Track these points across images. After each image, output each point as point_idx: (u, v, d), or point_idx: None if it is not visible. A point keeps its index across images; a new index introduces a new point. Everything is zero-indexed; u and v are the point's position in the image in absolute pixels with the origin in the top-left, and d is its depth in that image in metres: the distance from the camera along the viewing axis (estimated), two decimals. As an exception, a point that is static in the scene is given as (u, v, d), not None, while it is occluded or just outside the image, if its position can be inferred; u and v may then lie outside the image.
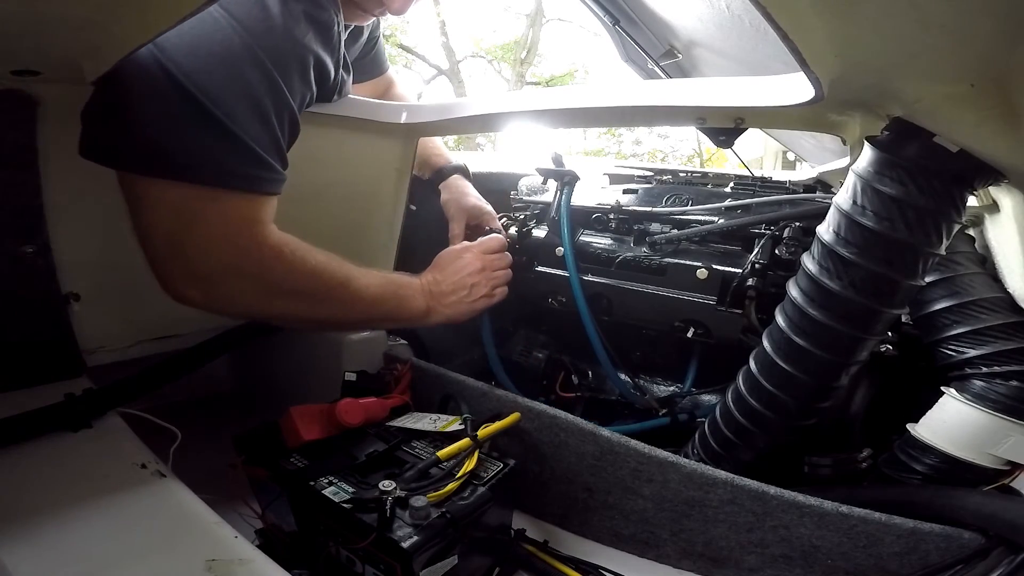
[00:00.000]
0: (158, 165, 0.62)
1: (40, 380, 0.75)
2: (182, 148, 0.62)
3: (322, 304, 0.76)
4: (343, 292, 0.78)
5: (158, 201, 0.63)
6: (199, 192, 0.63)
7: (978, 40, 0.40)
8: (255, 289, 0.71)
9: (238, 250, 0.67)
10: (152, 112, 0.60)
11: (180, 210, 0.63)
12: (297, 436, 0.65)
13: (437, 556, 0.56)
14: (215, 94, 0.60)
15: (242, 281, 0.69)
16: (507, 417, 0.76)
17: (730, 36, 1.12)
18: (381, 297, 0.83)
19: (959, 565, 0.58)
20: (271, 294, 0.72)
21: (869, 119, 0.64)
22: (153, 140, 0.61)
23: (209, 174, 0.63)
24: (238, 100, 0.62)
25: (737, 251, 0.89)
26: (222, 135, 0.62)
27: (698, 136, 2.31)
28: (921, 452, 0.69)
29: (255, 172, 0.65)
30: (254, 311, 0.76)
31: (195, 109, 0.60)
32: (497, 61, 12.02)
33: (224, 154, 0.63)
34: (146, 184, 0.63)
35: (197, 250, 0.65)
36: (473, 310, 0.94)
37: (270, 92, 0.65)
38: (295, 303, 0.74)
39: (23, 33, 0.49)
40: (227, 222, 0.66)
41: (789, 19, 0.42)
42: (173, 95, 0.59)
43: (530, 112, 0.92)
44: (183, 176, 0.62)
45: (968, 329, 0.67)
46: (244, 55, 0.62)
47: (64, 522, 0.54)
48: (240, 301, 0.71)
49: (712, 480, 0.68)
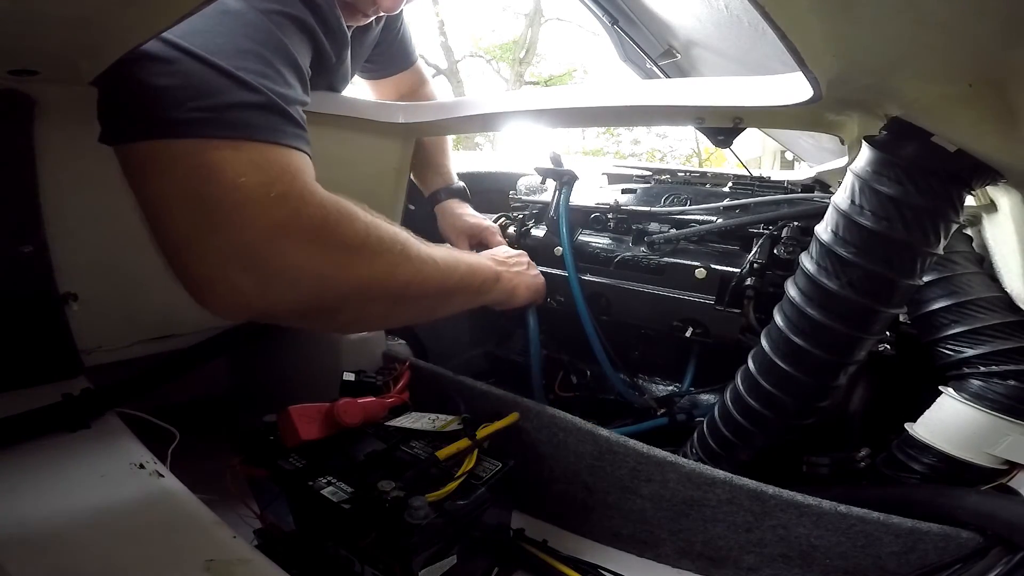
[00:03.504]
0: (174, 125, 0.51)
1: (38, 380, 0.75)
2: (198, 105, 0.51)
3: (399, 269, 0.62)
4: (414, 253, 0.64)
5: (175, 166, 0.51)
6: (220, 144, 0.52)
7: (976, 40, 0.40)
8: (322, 251, 0.55)
9: (285, 203, 0.52)
10: (154, 74, 0.51)
11: (206, 168, 0.51)
12: (296, 436, 0.65)
13: (436, 556, 0.56)
14: (223, 50, 0.53)
15: (299, 245, 0.53)
16: (506, 417, 0.76)
17: (728, 36, 1.12)
18: (451, 261, 0.71)
19: (957, 564, 0.58)
20: (342, 251, 0.57)
21: (867, 119, 0.64)
22: (162, 103, 0.51)
23: (231, 125, 0.52)
24: (246, 56, 0.55)
25: (735, 251, 0.89)
26: (238, 86, 0.53)
27: (697, 136, 2.31)
28: (919, 451, 0.69)
29: (281, 126, 0.56)
30: (329, 289, 0.57)
31: (203, 65, 0.52)
32: (496, 61, 12.03)
33: (244, 107, 0.53)
34: (158, 150, 0.51)
35: (235, 213, 0.51)
36: (535, 285, 0.89)
37: (278, 49, 0.58)
38: (369, 265, 0.59)
39: (21, 32, 0.49)
40: (264, 172, 0.53)
41: (787, 19, 0.42)
42: (176, 55, 0.51)
43: (529, 112, 0.92)
44: (204, 132, 0.51)
45: (966, 328, 0.67)
46: (245, 13, 0.56)
47: (62, 523, 0.53)
48: (310, 272, 0.54)
49: (711, 480, 0.68)
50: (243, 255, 0.51)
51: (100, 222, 0.78)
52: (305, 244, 0.54)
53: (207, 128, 0.51)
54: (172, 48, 0.52)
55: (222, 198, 0.50)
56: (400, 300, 0.65)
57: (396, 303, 0.65)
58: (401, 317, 0.73)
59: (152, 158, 0.52)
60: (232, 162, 0.51)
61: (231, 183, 0.51)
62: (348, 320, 0.63)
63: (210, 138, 0.51)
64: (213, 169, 0.51)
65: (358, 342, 0.97)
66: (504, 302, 0.83)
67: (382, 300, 0.63)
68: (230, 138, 0.52)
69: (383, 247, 0.60)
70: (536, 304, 0.92)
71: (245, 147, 0.52)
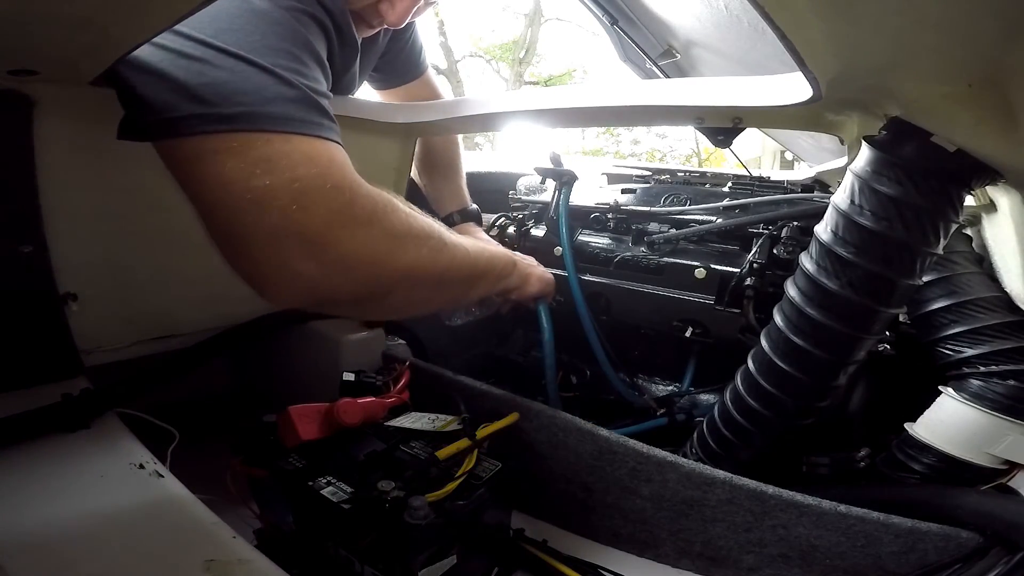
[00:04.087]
0: (225, 119, 0.53)
1: (37, 380, 0.75)
2: (244, 100, 0.53)
3: (440, 253, 0.66)
4: (449, 241, 0.68)
5: (231, 159, 0.53)
6: (272, 138, 0.54)
7: (975, 40, 0.40)
8: (375, 237, 0.59)
9: (340, 194, 0.56)
10: (195, 72, 0.53)
11: (264, 162, 0.53)
12: (295, 436, 0.65)
13: (436, 556, 0.56)
14: (257, 48, 0.55)
15: (355, 234, 0.57)
16: (506, 417, 0.76)
17: (728, 36, 1.12)
18: (478, 248, 0.74)
19: (957, 564, 0.58)
20: (392, 239, 0.60)
21: (867, 119, 0.64)
22: (208, 98, 0.53)
23: (278, 119, 0.54)
24: (279, 53, 0.56)
25: (735, 251, 0.89)
26: (277, 82, 0.55)
27: (696, 136, 2.30)
28: (919, 451, 0.69)
29: (320, 119, 0.58)
30: (382, 273, 0.61)
31: (242, 62, 0.54)
32: (495, 61, 12.02)
33: (286, 101, 0.55)
34: (210, 144, 0.53)
35: (296, 204, 0.53)
36: (546, 278, 0.91)
37: (307, 47, 0.60)
38: (415, 251, 0.63)
39: (20, 32, 0.49)
40: (316, 164, 0.55)
41: (787, 18, 0.42)
42: (212, 54, 0.53)
43: (528, 112, 0.92)
44: (255, 125, 0.53)
45: (965, 328, 0.67)
46: (271, 11, 0.58)
47: (61, 523, 0.53)
48: (366, 258, 0.58)
49: (710, 479, 0.68)
50: (306, 244, 0.54)
51: (100, 222, 0.78)
52: (360, 232, 0.57)
53: (257, 121, 0.53)
54: (209, 48, 0.53)
55: (282, 190, 0.52)
56: (440, 284, 0.68)
57: (437, 286, 0.68)
58: (440, 300, 0.76)
59: (205, 152, 0.53)
60: (288, 155, 0.53)
61: (289, 176, 0.53)
62: (396, 304, 0.66)
63: (261, 131, 0.53)
64: (270, 162, 0.52)
65: (358, 342, 0.97)
66: (519, 287, 0.85)
67: (426, 284, 0.66)
68: (280, 131, 0.54)
69: (424, 234, 0.64)
70: (547, 299, 0.92)
71: (295, 140, 0.54)
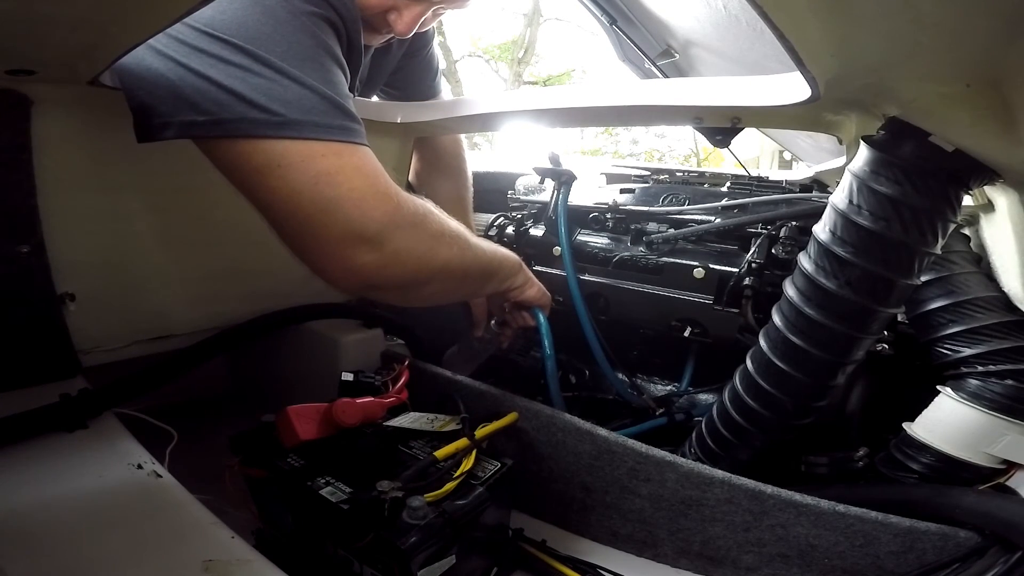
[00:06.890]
0: (277, 126, 0.59)
1: (35, 380, 0.75)
2: (283, 109, 0.59)
3: (467, 251, 0.75)
4: (471, 240, 0.77)
5: (292, 170, 0.60)
6: (324, 151, 0.61)
7: (974, 40, 0.40)
8: (419, 236, 0.68)
9: (389, 199, 0.64)
10: (235, 77, 0.58)
11: (325, 175, 0.60)
12: (294, 436, 0.65)
13: (435, 556, 0.56)
14: (286, 58, 0.60)
15: (405, 232, 0.66)
16: (505, 417, 0.76)
17: (727, 36, 1.13)
18: (492, 248, 0.83)
19: (955, 564, 0.58)
20: (431, 238, 0.69)
21: (865, 119, 0.64)
22: (246, 103, 0.58)
23: (321, 128, 0.61)
24: (308, 63, 0.62)
25: (734, 250, 0.89)
26: (310, 92, 0.61)
27: (695, 136, 2.31)
28: (917, 451, 0.69)
29: (355, 127, 0.64)
30: (424, 266, 0.69)
31: (276, 72, 0.59)
32: (494, 60, 12.01)
33: (325, 112, 0.61)
34: (263, 149, 0.59)
35: (357, 209, 0.62)
36: (543, 288, 0.93)
37: (329, 53, 0.65)
38: (449, 248, 0.71)
39: (18, 32, 0.49)
40: (365, 174, 0.63)
41: (785, 18, 0.42)
42: (247, 61, 0.58)
43: (527, 111, 0.92)
44: (303, 133, 0.60)
45: (963, 328, 0.67)
46: (292, 20, 0.61)
47: (60, 523, 0.53)
48: (413, 253, 0.67)
49: (709, 479, 0.68)
50: (367, 241, 0.63)
51: (97, 222, 0.78)
52: (408, 231, 0.66)
53: (313, 131, 0.60)
54: (245, 55, 0.58)
55: (343, 198, 0.61)
56: (465, 277, 0.78)
57: (463, 279, 0.78)
58: (463, 291, 0.88)
59: (270, 164, 0.60)
60: (343, 168, 0.61)
61: (347, 185, 0.61)
62: (432, 292, 0.74)
63: (310, 139, 0.60)
64: (330, 174, 0.60)
65: (356, 342, 0.97)
66: (522, 287, 0.90)
67: (456, 276, 0.75)
68: (333, 140, 0.61)
69: (454, 233, 0.73)
70: (545, 311, 0.93)
71: (345, 152, 0.62)
